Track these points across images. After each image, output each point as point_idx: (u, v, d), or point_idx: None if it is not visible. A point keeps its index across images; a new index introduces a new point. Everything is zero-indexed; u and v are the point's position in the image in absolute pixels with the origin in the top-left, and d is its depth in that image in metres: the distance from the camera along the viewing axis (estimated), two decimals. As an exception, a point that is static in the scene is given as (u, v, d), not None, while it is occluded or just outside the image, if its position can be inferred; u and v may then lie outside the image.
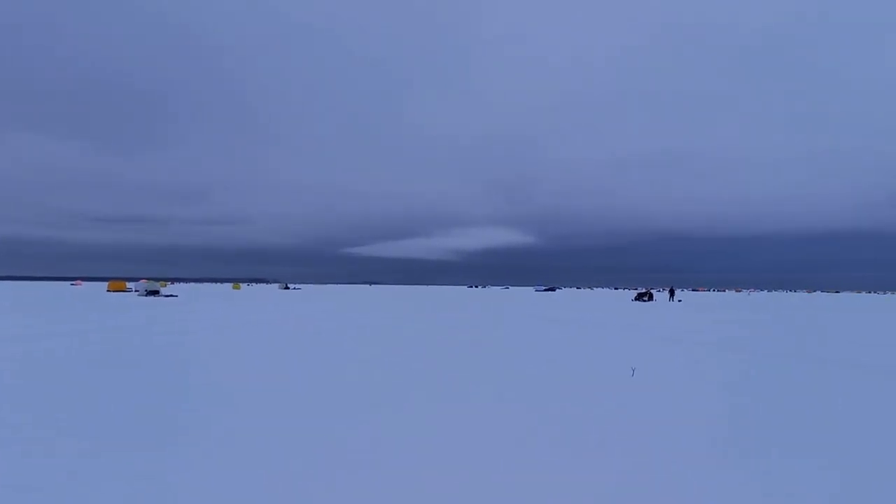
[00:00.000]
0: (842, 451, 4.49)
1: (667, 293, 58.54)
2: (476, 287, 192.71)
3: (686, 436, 4.83)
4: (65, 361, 8.83)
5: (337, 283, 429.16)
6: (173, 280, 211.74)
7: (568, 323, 19.80)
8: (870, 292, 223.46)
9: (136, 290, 51.90)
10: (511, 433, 4.83)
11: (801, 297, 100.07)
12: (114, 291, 57.43)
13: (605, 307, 36.56)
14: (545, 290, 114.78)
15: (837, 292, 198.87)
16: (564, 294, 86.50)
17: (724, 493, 3.54)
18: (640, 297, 50.03)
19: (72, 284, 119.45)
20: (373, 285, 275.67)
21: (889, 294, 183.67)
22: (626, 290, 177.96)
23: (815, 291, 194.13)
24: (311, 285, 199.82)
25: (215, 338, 12.63)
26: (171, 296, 46.67)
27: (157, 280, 69.31)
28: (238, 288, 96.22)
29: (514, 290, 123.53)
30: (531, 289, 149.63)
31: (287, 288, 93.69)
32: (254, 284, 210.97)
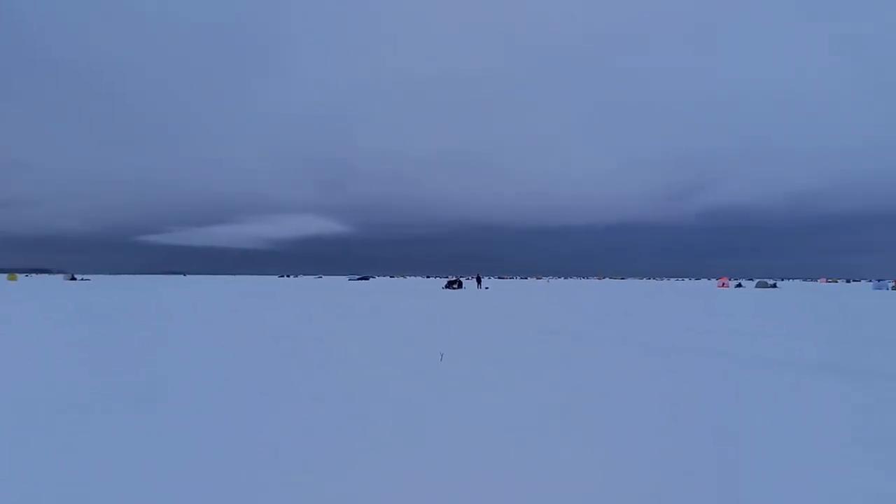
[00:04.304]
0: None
1: (474, 280, 63.03)
2: (288, 276, 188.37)
3: (484, 414, 5.51)
4: None
5: (133, 274, 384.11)
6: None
7: (380, 311, 20.69)
8: (650, 279, 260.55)
9: None
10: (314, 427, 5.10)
11: (591, 282, 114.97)
12: None
13: (417, 295, 38.67)
14: (358, 279, 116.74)
15: (623, 279, 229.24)
16: (378, 283, 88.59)
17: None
18: (450, 285, 53.37)
19: None
20: (186, 276, 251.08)
21: (665, 280, 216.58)
22: (437, 278, 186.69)
23: (604, 278, 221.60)
24: (103, 276, 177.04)
25: None
26: None
27: None
28: (14, 279, 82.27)
29: (328, 280, 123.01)
30: (345, 278, 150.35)
31: (74, 279, 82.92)
32: (34, 275, 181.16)
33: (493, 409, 5.69)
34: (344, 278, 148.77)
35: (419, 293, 42.15)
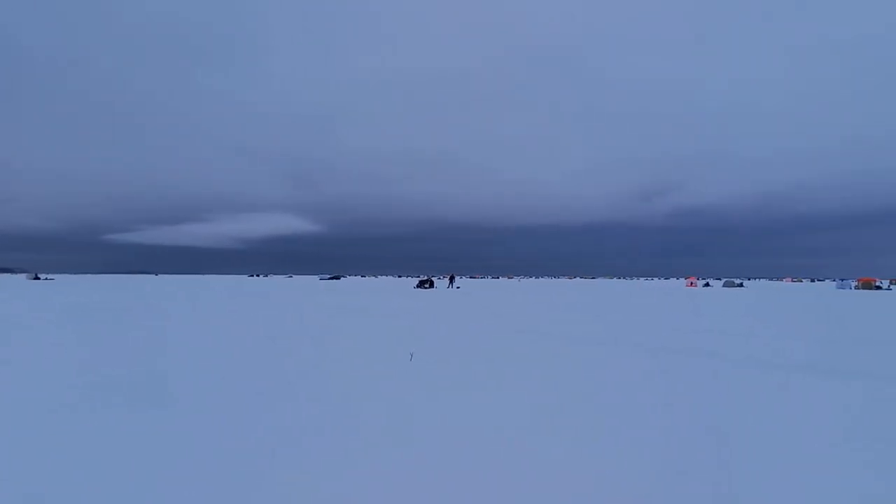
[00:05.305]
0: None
1: (447, 280, 63.04)
2: (258, 276, 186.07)
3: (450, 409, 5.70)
4: None
5: (100, 273, 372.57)
6: None
7: (352, 311, 20.55)
8: (619, 278, 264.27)
9: None
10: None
11: (563, 282, 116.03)
12: None
13: (388, 294, 38.45)
14: (330, 278, 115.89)
15: (594, 278, 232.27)
16: (349, 282, 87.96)
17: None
18: (421, 285, 53.29)
19: None
20: (157, 275, 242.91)
21: (635, 279, 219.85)
22: (409, 277, 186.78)
23: (575, 278, 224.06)
24: (68, 275, 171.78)
25: None
26: None
27: None
28: (-27, 279, 79.62)
29: (298, 279, 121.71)
30: (315, 277, 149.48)
31: (37, 278, 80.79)
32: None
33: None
34: (314, 277, 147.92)
35: (392, 292, 41.95)
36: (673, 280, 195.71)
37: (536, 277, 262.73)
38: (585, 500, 3.46)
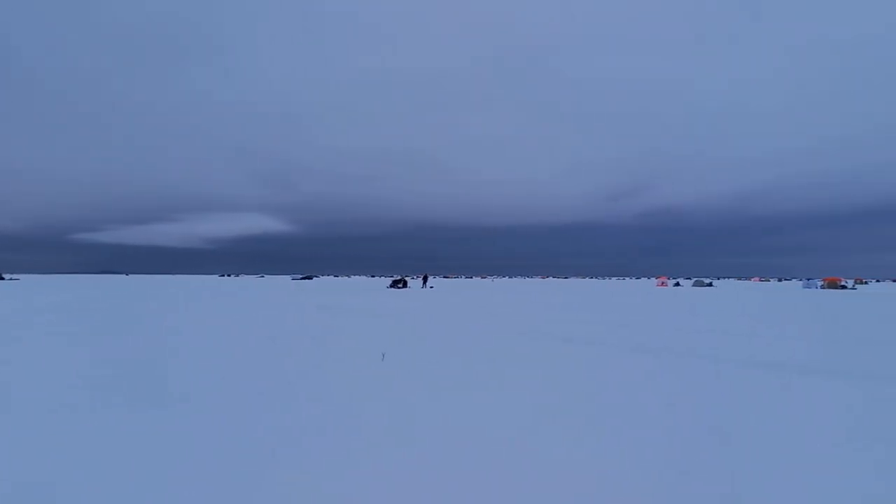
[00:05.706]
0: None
1: (420, 280, 62.79)
2: (229, 276, 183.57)
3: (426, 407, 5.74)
4: None
5: (68, 273, 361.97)
6: None
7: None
8: (592, 278, 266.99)
9: None
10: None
11: (537, 282, 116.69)
12: None
13: (371, 294, 38.27)
14: (302, 278, 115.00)
15: (566, 278, 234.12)
16: (323, 282, 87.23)
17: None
18: (395, 284, 53.01)
19: None
20: (129, 275, 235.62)
21: (607, 279, 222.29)
22: (382, 277, 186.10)
23: (548, 277, 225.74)
24: (35, 275, 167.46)
25: None
26: None
27: None
28: (-63, 279, 76.67)
29: (270, 279, 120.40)
30: (287, 277, 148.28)
31: (2, 278, 78.51)
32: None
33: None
34: (286, 277, 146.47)
35: (372, 292, 41.71)
36: (644, 280, 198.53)
37: (510, 277, 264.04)
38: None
